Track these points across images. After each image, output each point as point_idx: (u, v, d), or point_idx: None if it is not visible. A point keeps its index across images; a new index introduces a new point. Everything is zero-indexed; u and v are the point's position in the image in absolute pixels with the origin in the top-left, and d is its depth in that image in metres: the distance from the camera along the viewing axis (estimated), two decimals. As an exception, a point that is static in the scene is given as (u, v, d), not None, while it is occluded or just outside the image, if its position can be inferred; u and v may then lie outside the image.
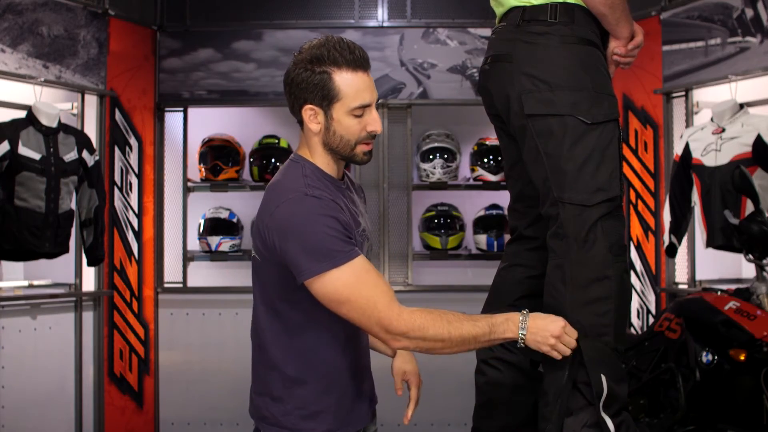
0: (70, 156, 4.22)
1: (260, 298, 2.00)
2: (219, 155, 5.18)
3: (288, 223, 1.86)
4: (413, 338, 1.89)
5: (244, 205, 5.36)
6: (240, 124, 5.44)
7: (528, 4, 2.27)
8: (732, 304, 2.97)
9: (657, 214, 4.63)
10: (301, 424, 1.97)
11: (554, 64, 2.21)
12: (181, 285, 5.18)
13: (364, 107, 1.94)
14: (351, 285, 1.85)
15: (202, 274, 5.32)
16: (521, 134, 2.28)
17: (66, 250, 4.29)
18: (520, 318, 1.99)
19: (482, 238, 5.17)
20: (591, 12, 2.26)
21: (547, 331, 2.00)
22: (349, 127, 1.95)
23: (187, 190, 5.18)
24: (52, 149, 4.13)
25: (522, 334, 1.98)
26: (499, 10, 2.39)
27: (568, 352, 2.04)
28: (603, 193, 2.19)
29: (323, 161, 2.00)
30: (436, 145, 5.19)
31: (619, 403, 2.16)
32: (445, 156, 5.16)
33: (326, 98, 1.92)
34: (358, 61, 1.93)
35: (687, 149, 4.12)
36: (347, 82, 1.92)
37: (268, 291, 1.98)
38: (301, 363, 1.97)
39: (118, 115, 4.87)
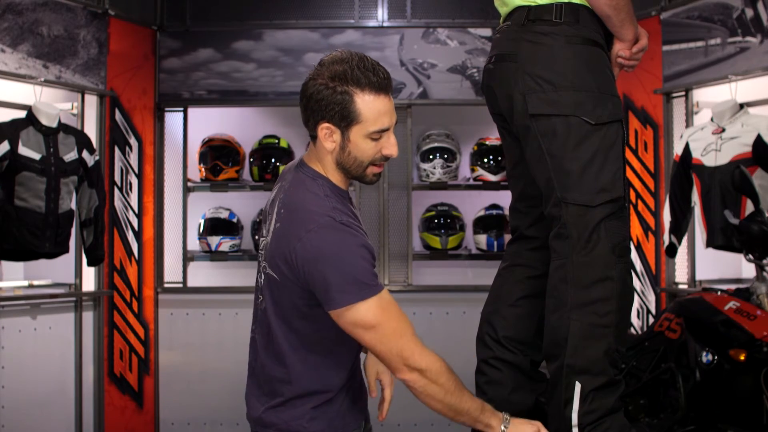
0: (70, 156, 4.22)
1: (274, 314, 1.98)
2: (219, 155, 5.19)
3: (319, 252, 1.84)
4: (427, 377, 1.90)
5: (244, 205, 5.36)
6: (240, 124, 5.45)
7: (533, 4, 2.27)
8: (732, 304, 2.96)
9: (657, 214, 4.63)
10: (309, 426, 1.99)
11: (559, 64, 2.21)
12: (181, 285, 5.18)
13: (383, 131, 1.92)
14: (378, 315, 1.86)
15: (202, 274, 5.32)
16: (524, 134, 2.28)
17: (66, 250, 4.29)
18: (503, 417, 2.01)
19: (482, 238, 5.17)
20: (596, 13, 2.27)
21: None
22: (365, 150, 1.92)
23: (187, 190, 5.18)
24: (52, 149, 4.13)
25: (503, 430, 2.00)
26: (503, 10, 2.39)
27: None
28: (606, 193, 2.19)
29: (335, 177, 1.98)
30: (436, 145, 5.19)
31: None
32: (445, 156, 5.16)
33: (345, 119, 1.89)
34: (381, 83, 1.89)
35: (687, 149, 4.12)
36: (368, 105, 1.88)
37: (284, 309, 1.97)
38: (316, 375, 1.99)
39: (118, 115, 4.87)
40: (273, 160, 5.17)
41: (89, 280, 4.70)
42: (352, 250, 1.85)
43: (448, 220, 5.21)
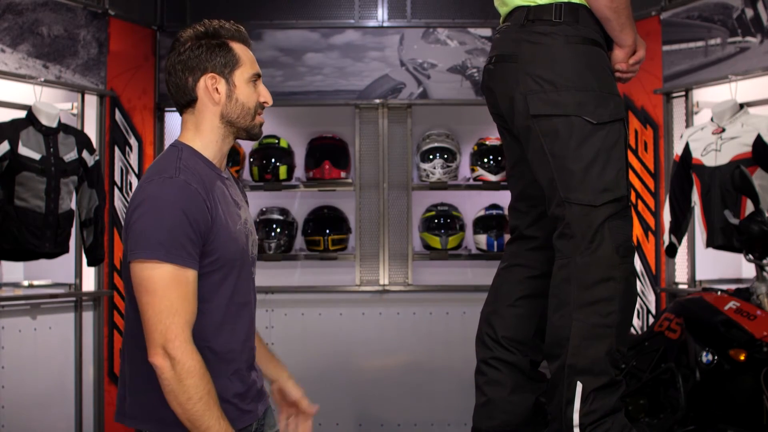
0: (70, 156, 4.22)
1: (127, 287, 1.94)
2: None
3: (145, 198, 1.83)
4: (176, 371, 1.79)
5: (244, 205, 5.36)
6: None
7: (533, 4, 2.27)
8: (732, 304, 2.97)
9: (657, 214, 4.63)
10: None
11: (559, 65, 2.22)
12: (181, 285, 5.16)
13: (258, 77, 2.01)
14: (163, 283, 1.80)
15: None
16: (526, 135, 2.28)
17: (66, 250, 4.29)
18: None
19: (482, 238, 5.17)
20: (596, 16, 2.27)
21: None
22: (249, 95, 1.98)
23: (187, 190, 5.17)
24: (52, 149, 4.13)
25: None
26: (503, 10, 2.39)
27: None
28: (610, 193, 2.20)
29: (208, 145, 1.97)
30: (436, 145, 5.19)
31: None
32: (445, 156, 5.16)
33: (228, 65, 1.95)
34: (244, 37, 2.02)
35: (687, 149, 4.12)
36: (242, 51, 1.99)
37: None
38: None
39: (118, 115, 4.87)
40: (273, 160, 5.16)
41: (89, 280, 4.70)
42: (172, 208, 1.81)
43: (448, 220, 5.21)
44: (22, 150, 4.02)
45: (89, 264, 4.51)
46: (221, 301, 1.93)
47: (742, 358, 2.81)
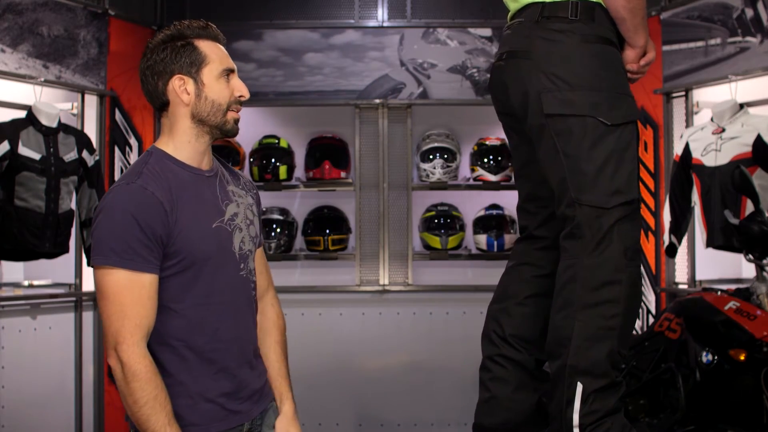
0: (70, 156, 4.22)
1: None
2: (219, 156, 5.17)
3: (102, 208, 1.90)
4: (124, 373, 1.83)
5: (244, 205, 5.36)
6: (240, 124, 5.43)
7: (547, 0, 2.26)
8: (732, 304, 2.97)
9: (657, 214, 4.63)
10: None
11: (575, 63, 2.20)
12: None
13: (230, 71, 2.00)
14: (114, 288, 1.85)
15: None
16: (539, 133, 2.26)
17: (66, 250, 4.29)
18: None
19: (482, 238, 5.17)
20: (611, 15, 2.26)
21: None
22: (220, 92, 1.98)
23: (187, 190, 5.17)
24: (52, 149, 4.13)
25: None
26: (513, 6, 2.36)
27: None
28: (621, 195, 2.20)
29: (181, 147, 1.98)
30: (436, 145, 5.19)
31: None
32: (445, 156, 5.16)
33: (194, 64, 1.95)
34: (213, 34, 2.01)
35: (687, 149, 4.13)
36: (210, 48, 1.98)
37: None
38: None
39: (118, 115, 4.87)
40: (273, 160, 5.16)
41: (89, 280, 4.68)
42: (123, 214, 1.86)
43: (448, 220, 5.21)
44: (22, 150, 4.02)
45: (89, 264, 4.51)
46: (196, 301, 1.94)
47: (742, 358, 2.82)
